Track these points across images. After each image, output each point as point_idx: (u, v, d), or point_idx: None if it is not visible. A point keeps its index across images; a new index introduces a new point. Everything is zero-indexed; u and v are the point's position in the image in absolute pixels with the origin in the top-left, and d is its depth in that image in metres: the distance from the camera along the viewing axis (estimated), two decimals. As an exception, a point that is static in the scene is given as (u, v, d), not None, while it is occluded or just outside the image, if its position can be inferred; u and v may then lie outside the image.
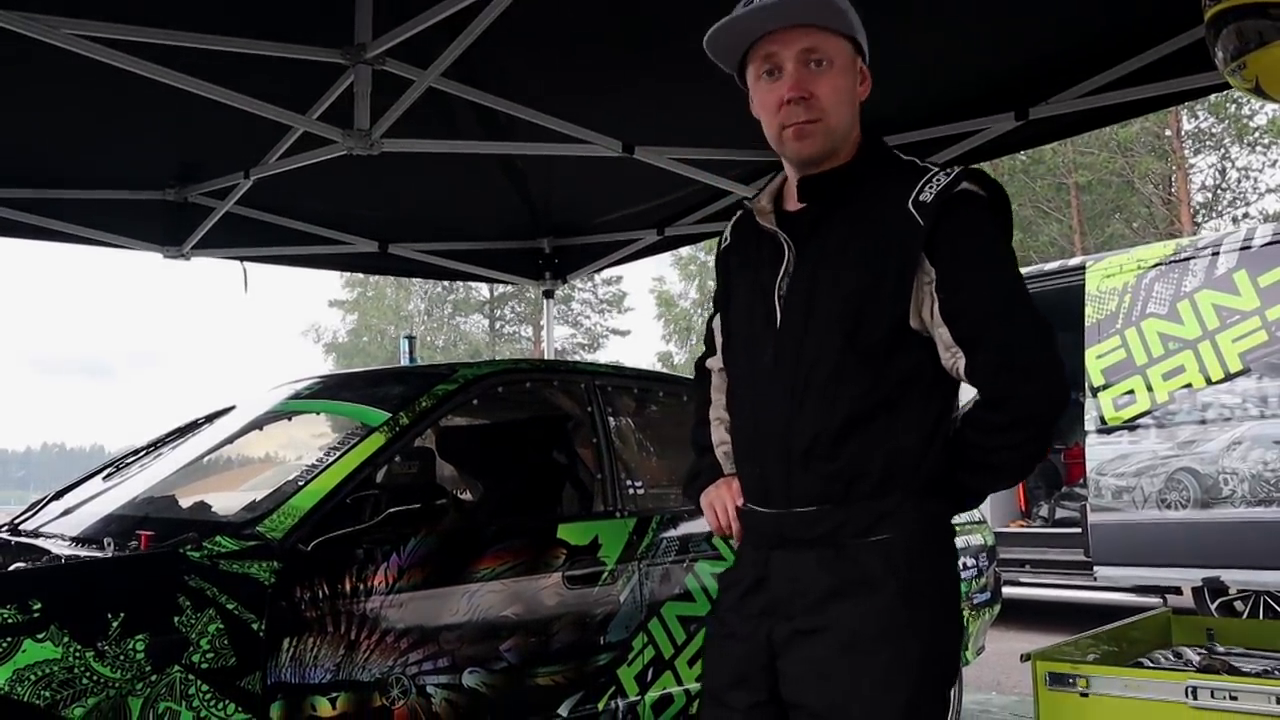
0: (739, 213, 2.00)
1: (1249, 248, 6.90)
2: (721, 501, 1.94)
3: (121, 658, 2.27)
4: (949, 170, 1.72)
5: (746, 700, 1.76)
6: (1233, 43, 2.85)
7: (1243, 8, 2.79)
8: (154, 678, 2.31)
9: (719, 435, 2.02)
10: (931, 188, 1.69)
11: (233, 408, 3.97)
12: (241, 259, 5.75)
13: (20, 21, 3.02)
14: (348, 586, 2.70)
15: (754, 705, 1.76)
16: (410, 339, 6.93)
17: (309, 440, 3.44)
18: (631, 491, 3.53)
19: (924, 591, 1.68)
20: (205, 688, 2.38)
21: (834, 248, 1.74)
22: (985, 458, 1.70)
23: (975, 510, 4.97)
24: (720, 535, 1.97)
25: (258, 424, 3.69)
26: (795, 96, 1.70)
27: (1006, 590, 6.57)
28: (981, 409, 1.69)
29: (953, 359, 1.68)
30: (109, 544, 2.64)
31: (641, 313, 62.12)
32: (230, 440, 3.67)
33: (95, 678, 2.23)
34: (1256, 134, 24.84)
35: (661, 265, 39.34)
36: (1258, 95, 2.96)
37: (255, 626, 2.50)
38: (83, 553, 2.69)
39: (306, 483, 2.83)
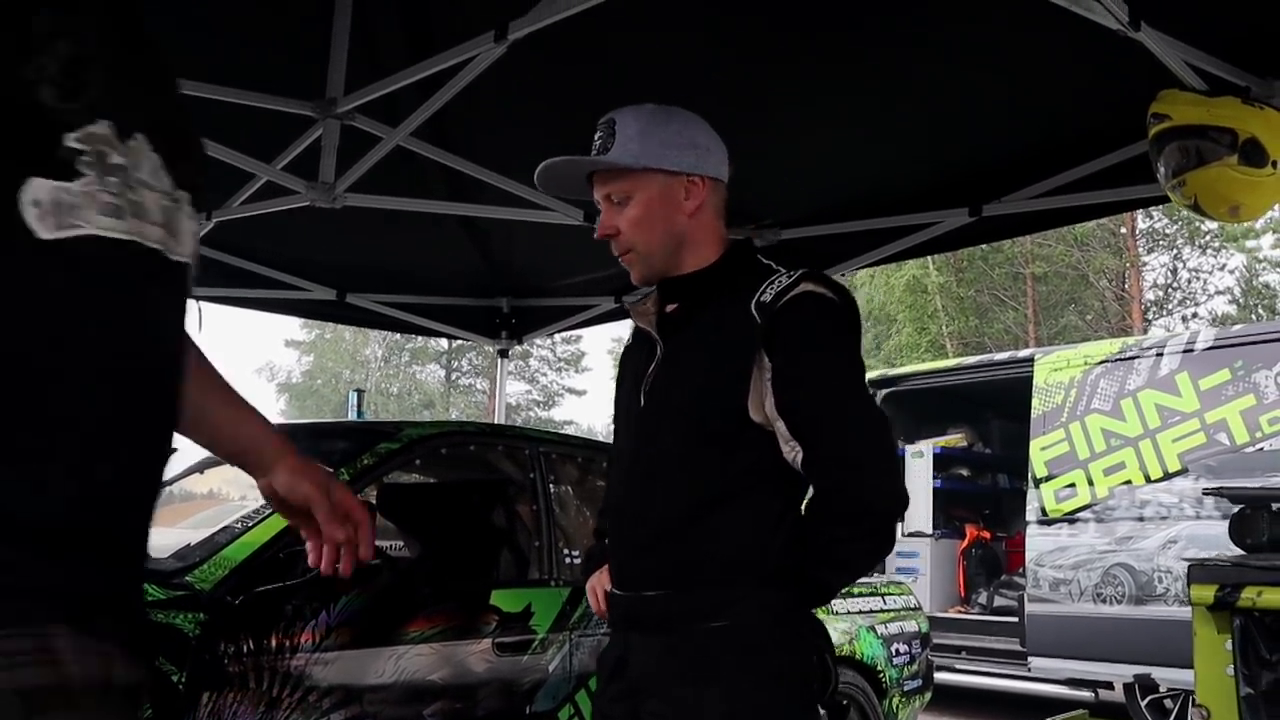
0: None
1: (1191, 351, 7.06)
2: (599, 586, 2.02)
3: (34, 704, 2.23)
4: (792, 273, 1.79)
5: None
6: (1174, 160, 2.97)
7: (1184, 129, 2.92)
8: (66, 726, 2.27)
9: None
10: (773, 288, 1.76)
11: (175, 449, 3.92)
12: (197, 298, 5.70)
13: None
14: (273, 642, 2.67)
15: None
16: (359, 393, 6.87)
17: (248, 489, 3.41)
18: (568, 561, 3.53)
19: (765, 682, 1.71)
20: (118, 739, 2.34)
21: (691, 344, 1.84)
22: (825, 551, 1.74)
23: (910, 596, 5.00)
24: (601, 619, 2.05)
25: (199, 468, 3.66)
26: (601, 236, 1.89)
27: (942, 676, 6.59)
28: (817, 502, 1.76)
29: (792, 452, 1.73)
30: (32, 585, 2.60)
31: (599, 373, 61.79)
32: (170, 483, 3.64)
33: (5, 724, 2.18)
34: (1207, 237, 25.54)
35: (622, 327, 39.29)
36: (1196, 212, 3.09)
37: (175, 678, 2.46)
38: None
39: (240, 533, 2.81)
